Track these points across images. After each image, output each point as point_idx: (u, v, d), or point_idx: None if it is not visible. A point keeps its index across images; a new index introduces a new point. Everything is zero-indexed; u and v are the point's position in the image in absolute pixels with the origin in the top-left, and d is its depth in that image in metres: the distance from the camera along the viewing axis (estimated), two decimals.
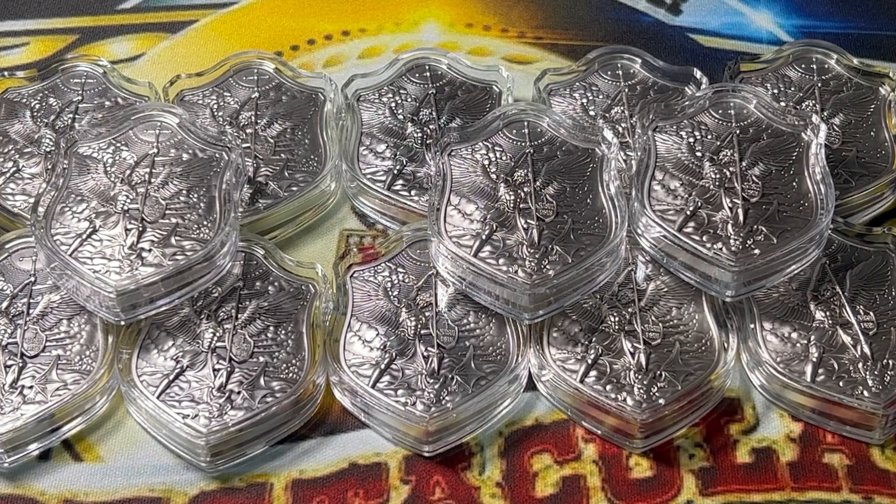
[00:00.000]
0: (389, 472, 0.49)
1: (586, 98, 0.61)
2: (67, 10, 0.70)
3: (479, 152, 0.55)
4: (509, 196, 0.53)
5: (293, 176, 0.58)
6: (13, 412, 0.49)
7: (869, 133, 0.60)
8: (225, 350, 0.51)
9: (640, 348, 0.51)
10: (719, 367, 0.50)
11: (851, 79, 0.62)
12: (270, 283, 0.53)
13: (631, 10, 0.71)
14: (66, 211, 0.52)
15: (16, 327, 0.51)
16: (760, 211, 0.52)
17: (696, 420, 0.50)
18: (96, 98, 0.61)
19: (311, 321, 0.52)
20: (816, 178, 0.53)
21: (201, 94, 0.61)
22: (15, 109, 0.60)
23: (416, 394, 0.49)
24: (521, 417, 0.51)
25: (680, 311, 0.52)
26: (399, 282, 0.53)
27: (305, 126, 0.60)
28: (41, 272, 0.53)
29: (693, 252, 0.51)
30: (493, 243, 0.51)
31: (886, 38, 0.68)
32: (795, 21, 0.70)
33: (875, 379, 0.49)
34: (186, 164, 0.54)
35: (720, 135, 0.55)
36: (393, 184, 0.58)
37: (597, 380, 0.50)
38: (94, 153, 0.55)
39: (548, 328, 0.52)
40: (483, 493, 0.49)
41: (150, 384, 0.50)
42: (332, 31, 0.69)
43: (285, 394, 0.49)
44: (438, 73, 0.63)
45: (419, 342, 0.51)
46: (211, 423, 0.48)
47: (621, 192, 0.53)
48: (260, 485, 0.49)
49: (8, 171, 0.58)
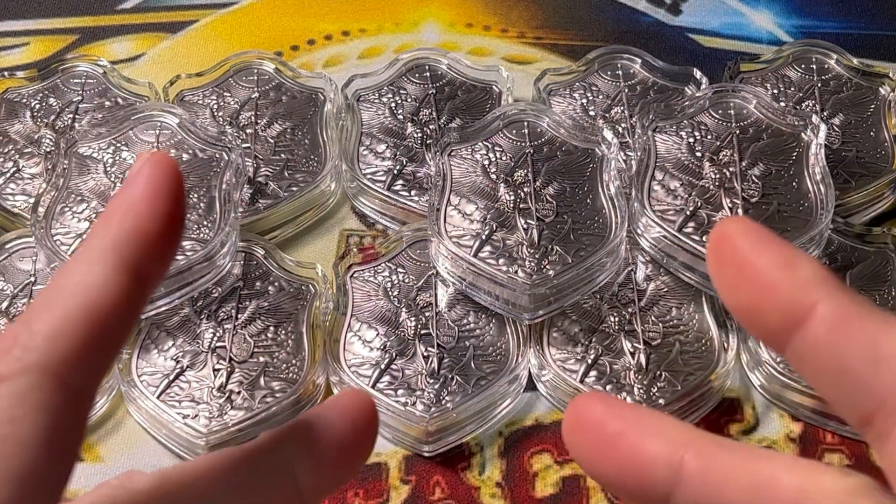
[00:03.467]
0: (389, 472, 0.49)
1: (586, 98, 0.61)
2: (67, 10, 0.70)
3: (479, 152, 0.55)
4: (509, 196, 0.53)
5: (293, 176, 0.58)
6: None
7: (869, 133, 0.60)
8: (225, 350, 0.51)
9: (640, 348, 0.51)
10: (719, 367, 0.50)
11: (851, 79, 0.62)
12: (270, 283, 0.53)
13: (631, 10, 0.71)
14: (66, 211, 0.52)
15: None
16: (760, 211, 0.52)
17: (696, 420, 0.50)
18: (96, 98, 0.61)
19: (311, 321, 0.52)
20: (816, 179, 0.53)
21: (201, 94, 0.61)
22: (15, 109, 0.60)
23: (416, 394, 0.49)
24: (521, 417, 0.51)
25: (680, 311, 0.52)
26: (399, 282, 0.53)
27: (305, 126, 0.60)
28: (41, 272, 0.53)
29: (693, 252, 0.51)
30: (493, 243, 0.51)
31: (886, 38, 0.68)
32: (795, 21, 0.70)
33: None
34: (186, 165, 0.54)
35: (720, 135, 0.55)
36: (393, 184, 0.58)
37: (597, 380, 0.50)
38: (94, 153, 0.55)
39: (548, 328, 0.52)
40: (483, 493, 0.49)
41: (150, 384, 0.50)
42: (332, 31, 0.69)
43: (285, 394, 0.49)
44: (438, 73, 0.63)
45: (419, 342, 0.51)
46: (211, 423, 0.48)
47: (621, 192, 0.53)
48: None
49: (8, 171, 0.58)
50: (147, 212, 0.29)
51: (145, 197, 0.29)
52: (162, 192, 0.29)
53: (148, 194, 0.29)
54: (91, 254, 0.28)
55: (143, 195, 0.29)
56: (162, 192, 0.29)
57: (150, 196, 0.29)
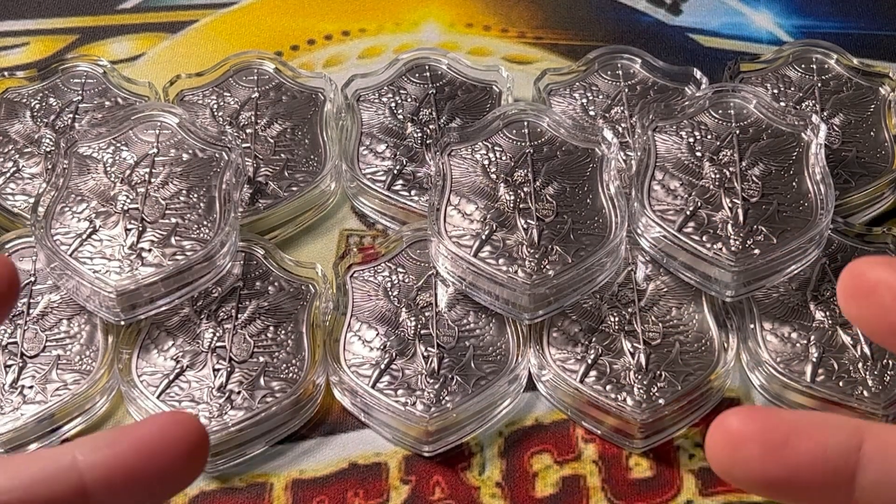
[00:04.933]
0: (389, 473, 0.49)
1: (586, 98, 0.61)
2: (67, 10, 0.70)
3: (479, 152, 0.55)
4: (509, 196, 0.53)
5: (293, 176, 0.58)
6: (13, 412, 0.49)
7: (869, 133, 0.60)
8: (225, 350, 0.51)
9: (640, 348, 0.51)
10: (719, 367, 0.50)
11: (851, 79, 0.62)
12: (270, 283, 0.53)
13: (631, 10, 0.71)
14: (66, 211, 0.52)
15: (16, 327, 0.51)
16: (760, 211, 0.52)
17: (696, 420, 0.50)
18: (96, 98, 0.61)
19: (311, 321, 0.52)
20: (816, 178, 0.53)
21: (201, 94, 0.61)
22: (15, 109, 0.60)
23: (416, 394, 0.49)
24: (521, 417, 0.51)
25: (680, 311, 0.52)
26: (399, 282, 0.53)
27: (305, 126, 0.60)
28: (41, 272, 0.53)
29: (693, 252, 0.51)
30: (492, 243, 0.51)
31: (886, 38, 0.68)
32: (795, 21, 0.70)
33: (875, 379, 0.49)
34: (186, 164, 0.54)
35: (720, 135, 0.55)
36: (393, 184, 0.58)
37: (597, 380, 0.50)
38: (94, 153, 0.55)
39: (548, 328, 0.52)
40: (483, 493, 0.49)
41: (150, 384, 0.50)
42: (332, 31, 0.69)
43: (285, 394, 0.49)
44: (438, 73, 0.63)
45: (419, 342, 0.51)
46: (211, 423, 0.48)
47: (621, 192, 0.53)
48: (260, 485, 0.49)
49: (8, 171, 0.58)
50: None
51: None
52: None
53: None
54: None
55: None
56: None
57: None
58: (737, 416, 0.30)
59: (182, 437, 0.31)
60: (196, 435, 0.31)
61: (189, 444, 0.31)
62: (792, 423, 0.29)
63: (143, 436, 0.31)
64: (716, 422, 0.30)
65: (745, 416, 0.30)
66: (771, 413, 0.30)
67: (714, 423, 0.30)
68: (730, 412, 0.30)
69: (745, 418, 0.30)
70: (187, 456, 0.31)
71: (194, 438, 0.31)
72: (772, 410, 0.30)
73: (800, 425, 0.29)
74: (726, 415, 0.30)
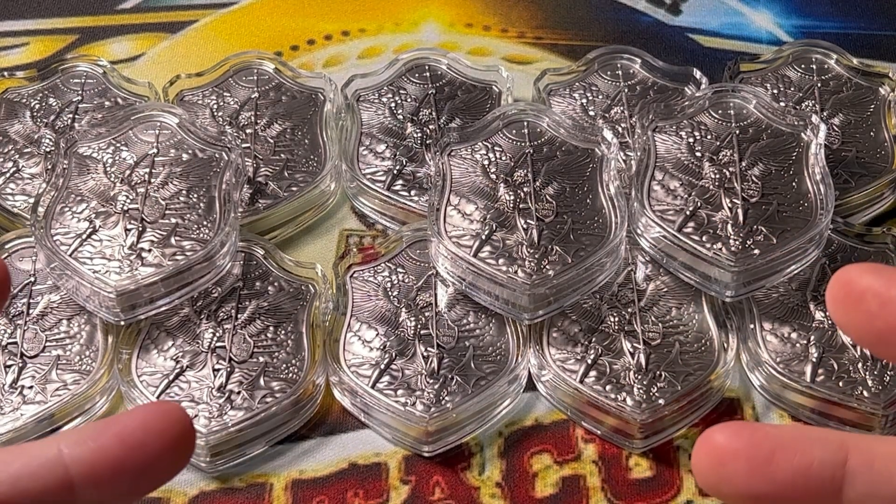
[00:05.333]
0: (389, 473, 0.49)
1: (586, 98, 0.61)
2: (67, 10, 0.70)
3: (478, 152, 0.55)
4: (509, 196, 0.53)
5: (293, 176, 0.58)
6: (13, 412, 0.49)
7: (869, 133, 0.60)
8: (225, 350, 0.51)
9: (640, 348, 0.51)
10: (719, 367, 0.50)
11: (851, 79, 0.62)
12: (270, 283, 0.53)
13: (631, 10, 0.71)
14: (66, 211, 0.52)
15: (16, 327, 0.51)
16: (760, 211, 0.52)
17: (696, 420, 0.50)
18: (96, 98, 0.61)
19: (311, 321, 0.52)
20: (816, 179, 0.53)
21: (201, 94, 0.61)
22: (15, 109, 0.60)
23: (415, 394, 0.49)
24: (521, 417, 0.51)
25: (680, 311, 0.52)
26: (399, 282, 0.53)
27: (305, 126, 0.60)
28: (41, 272, 0.53)
29: (693, 252, 0.51)
30: (492, 243, 0.51)
31: (886, 38, 0.68)
32: (795, 21, 0.70)
33: (875, 379, 0.49)
34: (186, 164, 0.54)
35: (720, 135, 0.55)
36: (393, 184, 0.58)
37: (596, 380, 0.50)
38: (94, 153, 0.55)
39: (548, 328, 0.52)
40: (483, 493, 0.49)
41: (150, 384, 0.50)
42: (332, 31, 0.69)
43: (285, 394, 0.49)
44: (438, 74, 0.63)
45: (419, 342, 0.51)
46: (211, 423, 0.48)
47: (621, 192, 0.53)
48: (260, 485, 0.49)
49: (8, 171, 0.58)
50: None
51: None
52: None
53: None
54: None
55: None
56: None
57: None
58: (722, 431, 0.30)
59: (167, 428, 0.31)
60: (182, 426, 0.31)
61: (174, 435, 0.31)
62: (777, 438, 0.29)
63: (127, 427, 0.31)
64: (701, 437, 0.30)
65: (730, 431, 0.30)
66: (757, 428, 0.30)
67: (700, 438, 0.30)
68: (715, 428, 0.30)
69: (730, 434, 0.30)
70: (173, 447, 0.31)
71: (180, 429, 0.31)
72: (757, 426, 0.30)
73: (785, 440, 0.29)
74: (712, 431, 0.30)
